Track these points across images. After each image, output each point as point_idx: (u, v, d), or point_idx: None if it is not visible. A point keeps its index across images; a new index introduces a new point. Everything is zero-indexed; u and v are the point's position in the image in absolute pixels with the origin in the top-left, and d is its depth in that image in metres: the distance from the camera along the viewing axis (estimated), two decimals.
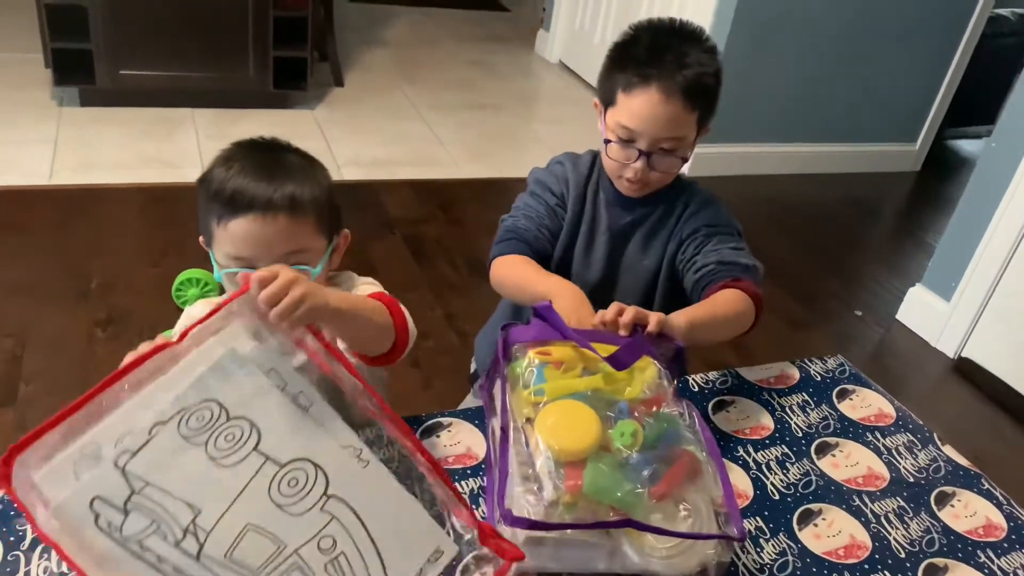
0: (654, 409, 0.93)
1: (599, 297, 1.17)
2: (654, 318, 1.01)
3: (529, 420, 0.90)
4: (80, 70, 3.15)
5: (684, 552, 0.84)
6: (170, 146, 3.12)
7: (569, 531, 0.82)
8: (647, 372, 0.97)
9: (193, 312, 1.14)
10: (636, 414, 0.90)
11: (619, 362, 0.95)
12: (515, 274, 1.29)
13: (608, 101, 1.28)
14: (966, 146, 4.62)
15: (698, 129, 1.29)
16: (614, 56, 1.28)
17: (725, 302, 1.21)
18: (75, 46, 3.09)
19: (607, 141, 1.29)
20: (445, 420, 1.10)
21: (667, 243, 1.37)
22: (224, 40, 3.29)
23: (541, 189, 1.39)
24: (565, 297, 1.15)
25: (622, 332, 1.00)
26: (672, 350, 1.02)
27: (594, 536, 0.83)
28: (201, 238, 1.08)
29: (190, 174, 2.91)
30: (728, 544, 0.86)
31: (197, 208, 1.05)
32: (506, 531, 0.84)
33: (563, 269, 1.39)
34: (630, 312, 1.01)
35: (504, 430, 0.91)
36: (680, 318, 1.08)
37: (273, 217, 0.99)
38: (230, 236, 1.00)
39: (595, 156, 1.39)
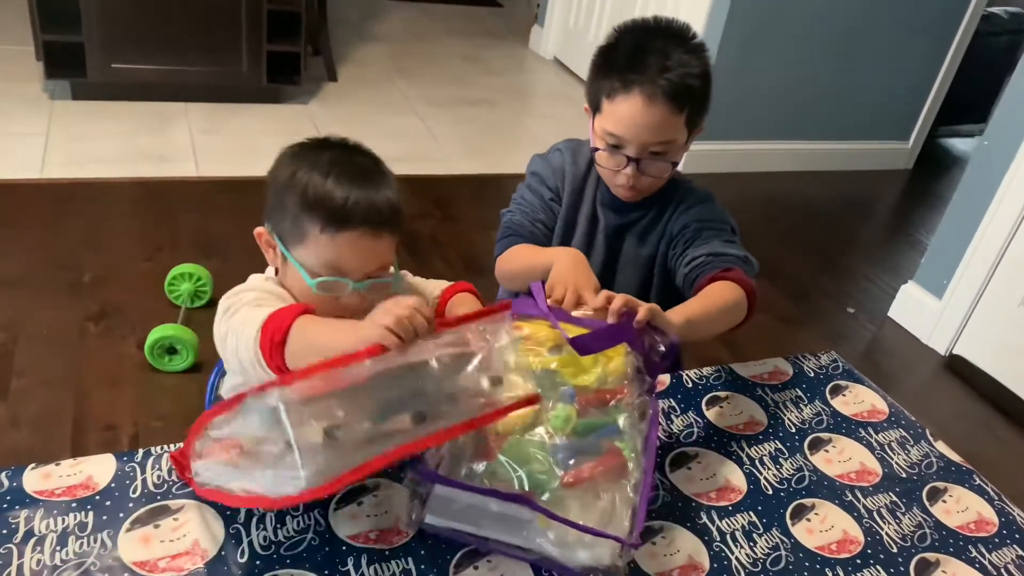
0: (609, 400, 0.92)
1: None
2: (644, 308, 1.00)
3: None
4: (72, 63, 3.14)
5: (579, 544, 0.84)
6: (163, 140, 3.10)
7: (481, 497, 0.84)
8: (613, 363, 0.96)
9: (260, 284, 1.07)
10: (582, 402, 0.90)
11: (583, 346, 0.94)
12: (518, 260, 1.30)
13: (595, 107, 1.28)
14: (959, 144, 4.64)
15: (689, 130, 1.27)
16: (597, 61, 1.27)
17: (718, 295, 1.20)
18: (66, 39, 3.07)
19: (595, 149, 1.28)
20: None
21: (659, 241, 1.37)
22: (217, 34, 3.28)
23: (537, 182, 1.39)
24: (563, 260, 1.17)
25: (611, 319, 0.99)
26: (668, 345, 1.01)
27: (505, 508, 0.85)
28: (262, 231, 1.05)
29: (183, 168, 2.94)
30: (626, 550, 0.85)
31: (270, 204, 1.02)
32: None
33: None
34: (619, 300, 1.00)
35: None
36: (675, 316, 1.08)
37: (379, 233, 0.99)
38: (336, 246, 0.98)
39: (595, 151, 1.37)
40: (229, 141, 3.14)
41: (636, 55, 1.21)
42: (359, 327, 0.84)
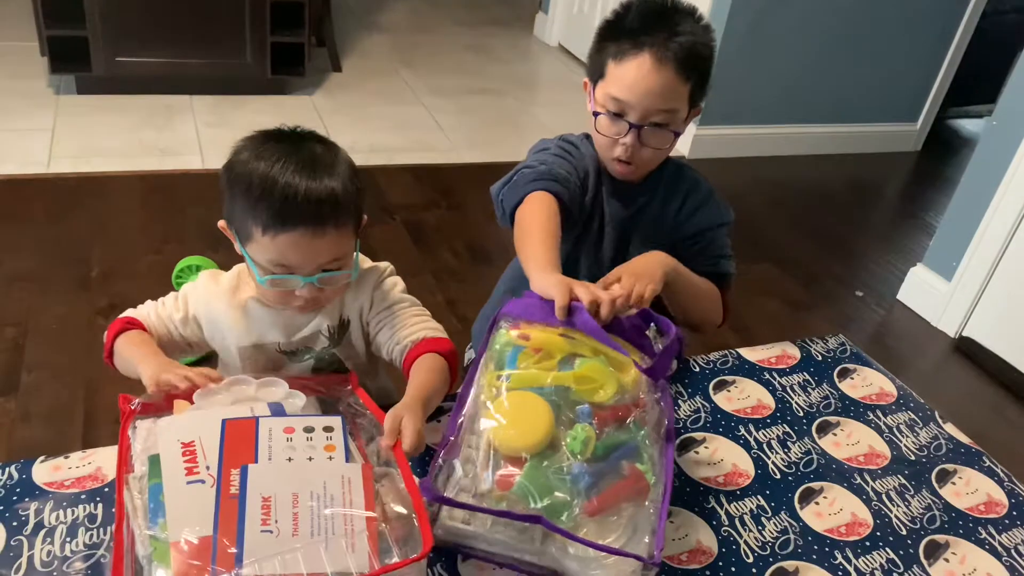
0: (623, 418, 0.88)
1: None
2: (635, 299, 1.01)
3: (486, 403, 0.88)
4: (76, 58, 3.14)
5: (602, 564, 0.82)
6: (169, 134, 3.11)
7: (498, 523, 0.82)
8: (627, 376, 0.92)
9: (196, 290, 1.14)
10: (597, 419, 0.87)
11: (656, 372, 0.92)
12: (531, 223, 1.18)
13: (598, 75, 1.24)
14: (967, 125, 4.60)
15: (690, 105, 1.25)
16: (604, 29, 1.26)
17: (707, 283, 1.29)
18: (71, 33, 3.07)
19: (596, 114, 1.24)
20: (446, 404, 1.10)
21: (670, 235, 1.35)
22: (221, 26, 3.27)
23: (570, 155, 1.31)
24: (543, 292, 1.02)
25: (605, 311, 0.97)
26: (672, 338, 0.98)
27: (522, 534, 0.83)
28: (223, 224, 1.07)
29: (190, 161, 2.94)
30: (648, 568, 0.83)
31: (222, 193, 1.04)
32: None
33: (571, 266, 1.35)
34: (605, 308, 0.97)
35: (461, 400, 0.91)
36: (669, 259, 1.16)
37: (322, 232, 0.99)
38: (277, 247, 0.99)
39: (596, 116, 1.30)
40: (234, 133, 3.08)
41: (647, 19, 1.20)
42: (150, 365, 0.98)
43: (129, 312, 1.11)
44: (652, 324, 1.00)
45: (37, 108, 3.13)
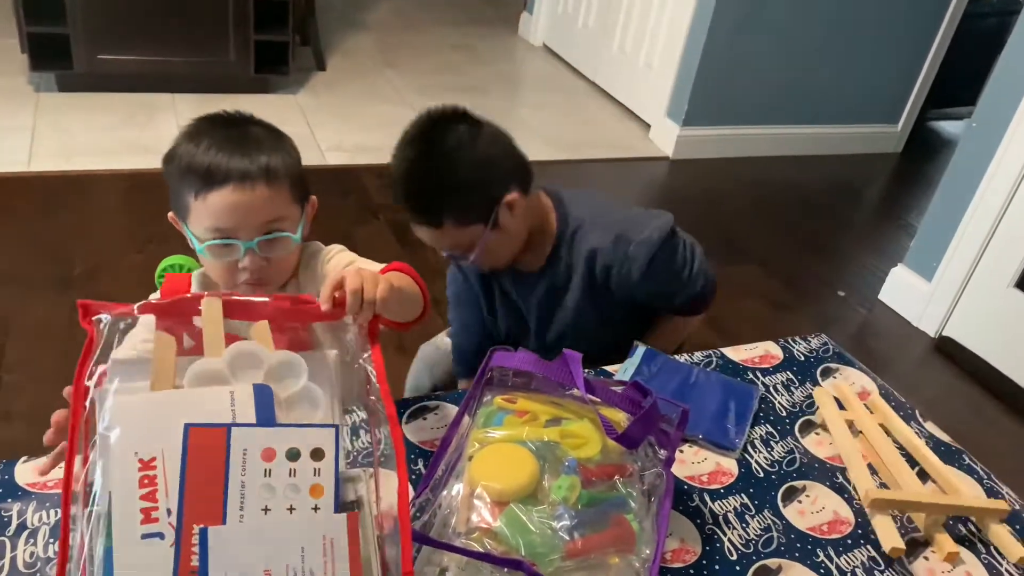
0: (610, 476, 0.87)
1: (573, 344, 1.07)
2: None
3: (472, 446, 0.88)
4: (57, 55, 3.11)
5: None
6: (151, 132, 3.08)
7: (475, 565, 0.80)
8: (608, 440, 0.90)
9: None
10: (583, 473, 0.85)
11: (631, 440, 0.87)
12: None
13: None
14: (948, 127, 4.65)
15: (483, 222, 1.23)
16: None
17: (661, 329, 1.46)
18: (51, 30, 3.04)
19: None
20: (431, 404, 1.11)
21: (590, 294, 1.34)
22: (204, 24, 3.25)
23: (456, 301, 1.53)
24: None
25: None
26: (680, 414, 0.95)
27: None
28: (171, 215, 1.08)
29: None
30: None
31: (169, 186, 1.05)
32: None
33: (522, 342, 1.45)
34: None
35: (445, 443, 0.91)
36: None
37: (252, 187, 0.99)
38: (209, 209, 0.99)
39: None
40: None
41: None
42: None
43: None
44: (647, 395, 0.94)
45: (17, 106, 3.10)
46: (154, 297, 0.84)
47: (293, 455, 0.70)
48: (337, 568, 0.69)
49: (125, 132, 3.06)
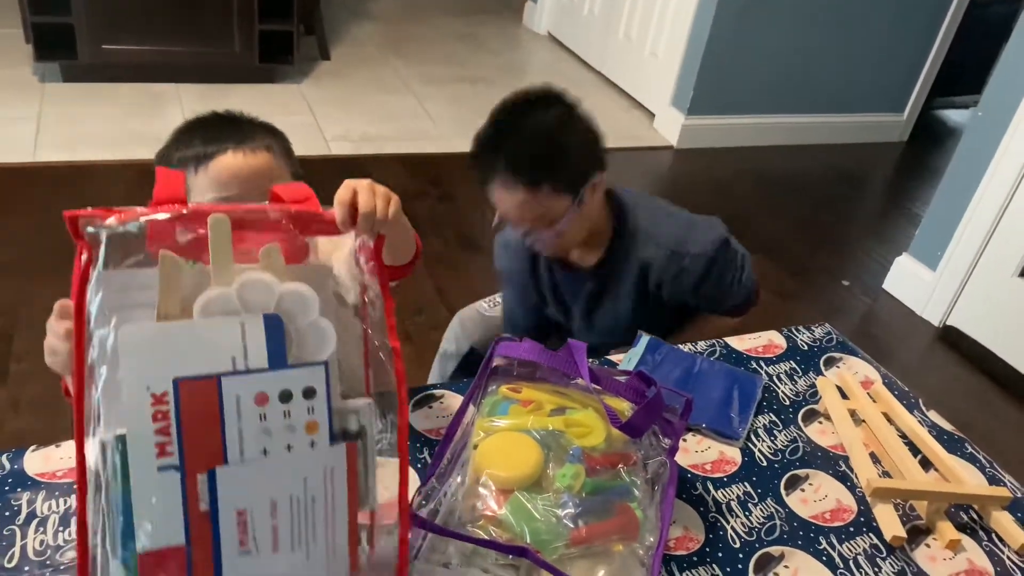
0: (614, 465, 0.88)
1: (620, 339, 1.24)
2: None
3: (476, 435, 0.89)
4: (62, 45, 3.11)
5: None
6: (157, 122, 3.09)
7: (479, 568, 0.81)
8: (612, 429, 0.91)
9: None
10: (588, 462, 0.86)
11: (634, 429, 0.88)
12: None
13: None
14: (953, 116, 4.63)
15: (570, 193, 1.25)
16: (471, 157, 1.29)
17: (701, 327, 1.48)
18: (56, 20, 3.05)
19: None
20: (437, 392, 1.12)
21: (642, 299, 1.38)
22: (208, 13, 3.25)
23: (508, 274, 1.50)
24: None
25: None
26: (684, 403, 0.96)
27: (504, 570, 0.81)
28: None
29: None
30: None
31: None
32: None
33: (568, 334, 1.45)
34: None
35: (449, 433, 0.92)
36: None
37: (253, 152, 0.99)
38: (211, 178, 0.98)
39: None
40: None
41: (486, 148, 1.25)
42: None
43: None
44: (651, 386, 0.95)
45: (22, 96, 3.11)
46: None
47: (285, 396, 0.71)
48: (337, 494, 0.72)
49: (130, 122, 3.06)
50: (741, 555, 0.93)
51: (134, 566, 0.67)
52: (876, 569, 0.94)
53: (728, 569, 0.91)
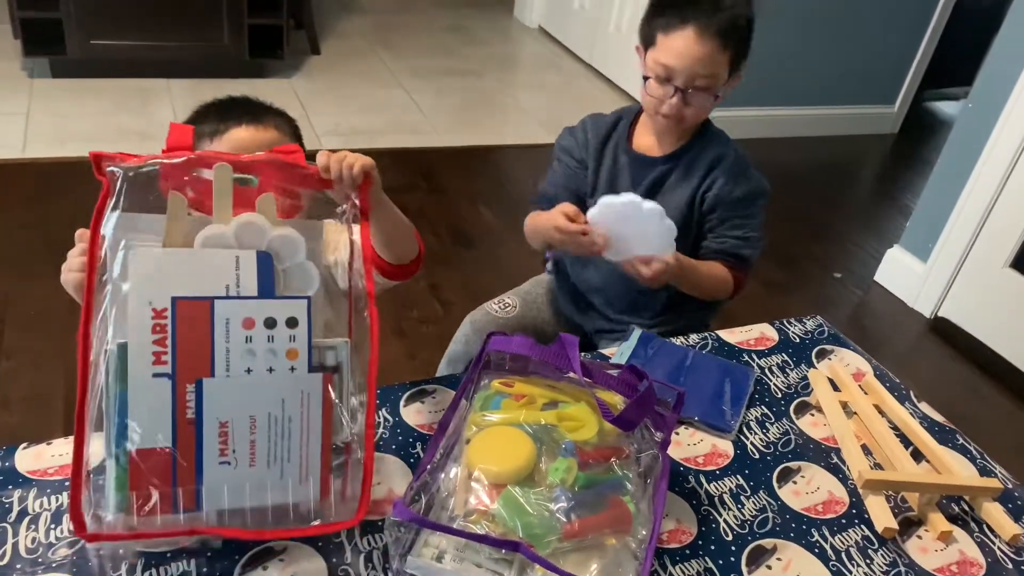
0: (607, 459, 0.88)
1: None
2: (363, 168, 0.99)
3: (469, 430, 0.89)
4: (50, 40, 3.09)
5: None
6: (145, 117, 3.07)
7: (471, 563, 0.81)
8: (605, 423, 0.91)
9: None
10: (580, 456, 0.86)
11: (627, 422, 0.88)
12: (530, 223, 1.46)
13: (648, 42, 1.37)
14: (945, 108, 4.64)
15: (731, 71, 1.38)
16: (654, 2, 1.39)
17: (711, 265, 1.44)
18: (44, 15, 3.03)
19: (646, 78, 1.37)
20: (429, 387, 1.11)
21: (692, 201, 1.44)
22: (198, 8, 3.23)
23: (563, 153, 1.52)
24: (552, 212, 1.32)
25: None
26: (676, 396, 0.97)
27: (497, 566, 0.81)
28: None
29: None
30: None
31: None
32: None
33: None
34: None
35: (442, 427, 0.92)
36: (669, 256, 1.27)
37: (265, 128, 1.05)
38: (225, 148, 1.03)
39: (618, 116, 1.49)
40: None
41: None
42: None
43: None
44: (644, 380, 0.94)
45: (11, 92, 3.09)
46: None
47: (270, 323, 0.80)
48: (311, 418, 0.80)
49: (119, 117, 3.04)
50: (734, 548, 0.94)
51: (125, 463, 0.75)
52: (868, 561, 0.94)
53: (721, 562, 0.91)
